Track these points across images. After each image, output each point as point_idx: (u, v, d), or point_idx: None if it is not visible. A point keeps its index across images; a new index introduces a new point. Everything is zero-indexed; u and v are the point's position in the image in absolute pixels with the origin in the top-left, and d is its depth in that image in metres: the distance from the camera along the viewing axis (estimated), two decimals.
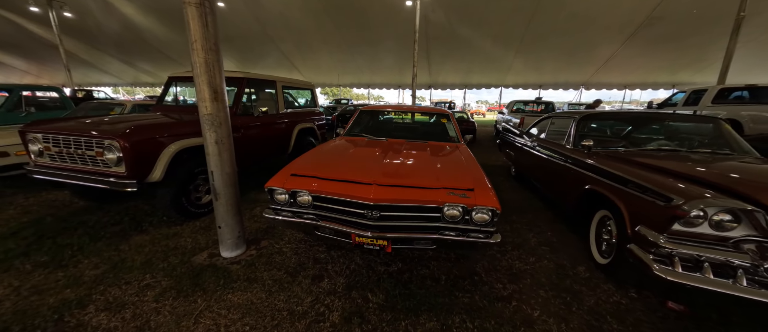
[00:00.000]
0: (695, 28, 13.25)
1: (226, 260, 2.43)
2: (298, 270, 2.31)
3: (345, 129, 3.73)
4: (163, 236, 2.79)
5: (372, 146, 2.97)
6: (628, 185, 2.03)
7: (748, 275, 1.52)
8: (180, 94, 4.53)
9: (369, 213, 1.93)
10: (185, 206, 3.04)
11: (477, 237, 1.90)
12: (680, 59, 16.46)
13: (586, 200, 2.63)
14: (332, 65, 21.87)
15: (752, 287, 1.50)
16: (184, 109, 4.13)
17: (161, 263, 2.36)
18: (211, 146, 2.22)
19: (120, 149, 2.54)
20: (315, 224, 2.09)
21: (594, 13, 13.20)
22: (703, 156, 2.46)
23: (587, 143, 2.75)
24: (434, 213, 1.93)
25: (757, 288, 1.50)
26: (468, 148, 3.22)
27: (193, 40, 2.03)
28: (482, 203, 1.85)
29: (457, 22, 15.17)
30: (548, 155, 3.49)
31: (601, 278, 2.29)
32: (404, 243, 1.96)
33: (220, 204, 2.35)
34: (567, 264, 2.47)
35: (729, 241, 1.60)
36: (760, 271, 1.50)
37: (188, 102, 5.59)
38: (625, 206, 2.01)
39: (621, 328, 1.77)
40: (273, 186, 2.12)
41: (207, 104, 2.15)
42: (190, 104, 4.77)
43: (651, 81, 20.06)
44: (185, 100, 5.67)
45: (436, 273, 2.30)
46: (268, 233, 2.92)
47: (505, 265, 2.44)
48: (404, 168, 2.33)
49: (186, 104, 5.03)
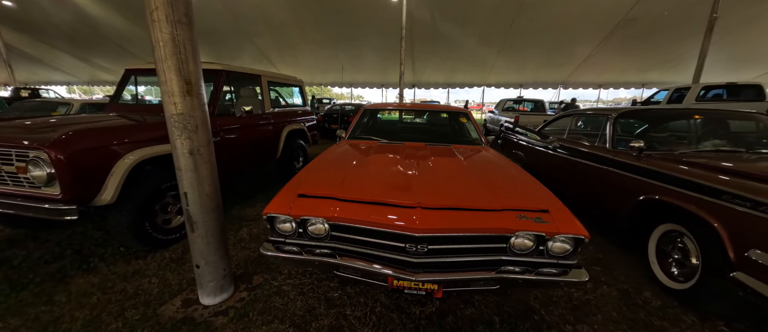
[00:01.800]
0: (665, 29, 13.85)
1: (207, 309, 1.81)
2: (308, 320, 1.74)
3: (347, 132, 3.16)
4: (119, 277, 2.11)
5: (390, 153, 2.44)
6: (723, 197, 1.65)
7: None
8: (142, 90, 3.75)
9: (413, 248, 1.42)
10: (149, 232, 2.36)
11: (553, 275, 1.44)
12: (650, 59, 17.26)
13: (641, 212, 2.26)
14: (313, 63, 21.00)
15: None
16: (147, 108, 3.39)
17: (114, 321, 1.70)
18: (183, 158, 1.60)
19: (51, 163, 1.84)
20: (334, 263, 1.54)
21: (575, 12, 13.43)
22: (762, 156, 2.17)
23: (636, 145, 2.39)
24: (499, 244, 1.45)
25: None
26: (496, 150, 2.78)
27: (153, 7, 1.41)
28: (565, 230, 1.39)
29: (442, 21, 14.94)
30: (577, 157, 3.14)
31: (675, 306, 1.92)
32: (460, 286, 1.47)
33: (197, 236, 1.73)
34: (630, 289, 2.08)
35: None
36: None
37: (154, 102, 4.75)
38: (721, 224, 1.63)
39: None
40: (274, 213, 1.54)
41: (176, 99, 1.53)
42: (156, 103, 3.99)
43: (623, 80, 21.00)
44: (150, 99, 4.82)
45: (484, 313, 1.82)
46: (260, 265, 2.31)
47: (561, 294, 2.01)
48: (446, 182, 1.82)
49: (151, 103, 4.22)
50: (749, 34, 13.92)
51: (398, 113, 3.94)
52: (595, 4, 12.80)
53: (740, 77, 18.48)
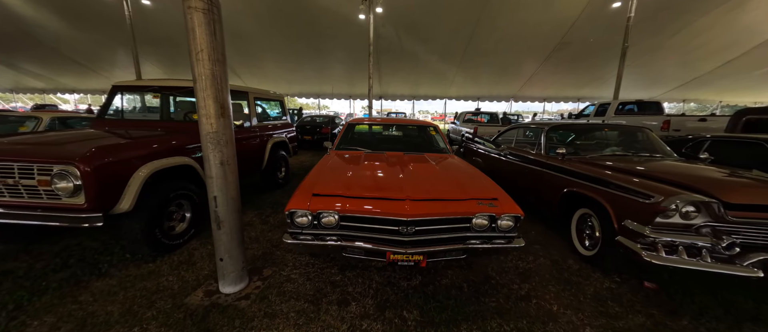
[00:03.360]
0: (592, 53, 16.31)
1: (229, 297, 2.13)
2: (319, 298, 2.15)
3: (334, 143, 3.62)
4: (136, 278, 2.32)
5: (378, 161, 2.95)
6: (611, 187, 2.41)
7: (710, 253, 1.95)
8: (127, 104, 3.84)
9: (405, 229, 1.93)
10: (159, 238, 2.57)
11: (502, 243, 2.05)
12: (582, 78, 20.02)
13: (566, 202, 3.02)
14: (279, 74, 20.90)
15: (714, 262, 1.93)
16: (138, 124, 3.52)
17: (147, 311, 1.96)
18: (215, 167, 1.96)
19: (79, 176, 2.05)
20: (343, 246, 1.99)
21: (520, 36, 15.30)
22: (646, 159, 3.06)
23: (561, 151, 3.18)
24: (464, 224, 2.02)
25: (716, 262, 1.93)
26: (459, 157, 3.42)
27: (199, 49, 1.79)
28: (508, 210, 2.00)
29: (406, 38, 16.00)
30: (521, 162, 3.91)
31: (588, 268, 2.65)
32: (438, 256, 2.00)
33: (223, 233, 2.06)
34: (559, 259, 2.79)
35: (692, 228, 2.03)
36: (717, 249, 1.94)
37: (148, 116, 4.67)
38: (610, 205, 2.38)
39: (623, 310, 2.08)
40: (295, 208, 1.96)
41: (212, 120, 1.90)
42: (144, 118, 4.05)
43: (562, 95, 23.90)
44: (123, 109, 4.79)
45: (456, 282, 2.37)
46: (266, 261, 2.65)
47: (511, 266, 2.65)
48: (425, 181, 2.37)
49: (140, 119, 4.25)
50: (654, 60, 16.91)
51: (377, 127, 4.48)
52: (537, 29, 14.70)
53: (652, 94, 22.09)
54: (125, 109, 3.87)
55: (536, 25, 14.29)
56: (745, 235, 1.97)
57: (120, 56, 18.24)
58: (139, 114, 4.10)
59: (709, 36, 14.71)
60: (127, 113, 3.83)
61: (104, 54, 18.32)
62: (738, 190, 2.04)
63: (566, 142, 4.09)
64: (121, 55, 17.98)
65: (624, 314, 2.04)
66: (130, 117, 3.74)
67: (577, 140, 4.29)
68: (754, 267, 1.88)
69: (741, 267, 1.88)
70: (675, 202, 1.96)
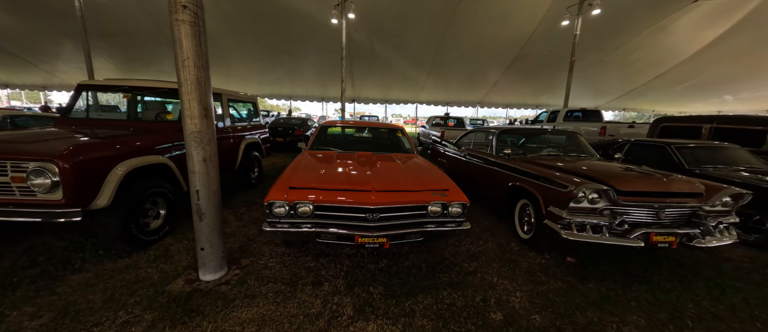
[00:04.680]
0: (546, 65, 17.90)
1: (210, 283, 2.31)
2: (295, 280, 2.40)
3: (308, 144, 3.86)
4: (113, 271, 2.41)
5: (348, 159, 3.26)
6: (541, 180, 2.94)
7: (609, 230, 2.50)
8: (92, 103, 3.78)
9: (371, 216, 2.25)
10: (135, 234, 2.66)
11: (453, 227, 2.45)
12: (539, 87, 21.82)
13: (510, 194, 3.54)
14: (248, 75, 20.37)
15: (612, 237, 2.48)
16: (105, 123, 3.51)
17: (130, 298, 2.09)
18: (198, 163, 2.15)
19: (58, 172, 2.13)
20: (317, 232, 2.27)
21: (483, 48, 16.41)
22: (573, 158, 3.69)
23: (507, 151, 3.71)
24: (421, 211, 2.39)
25: (612, 236, 2.48)
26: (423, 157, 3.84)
27: (185, 57, 1.99)
28: (456, 198, 2.41)
29: (378, 44, 16.46)
30: (476, 161, 4.43)
31: (526, 248, 3.16)
32: (400, 239, 2.35)
33: (204, 225, 2.25)
34: (504, 243, 3.28)
35: (597, 210, 2.58)
36: (613, 226, 2.50)
37: (115, 116, 4.50)
38: (540, 195, 2.90)
39: (546, 278, 2.58)
40: (274, 200, 2.21)
41: (196, 121, 2.10)
42: (111, 118, 3.97)
43: (523, 102, 25.77)
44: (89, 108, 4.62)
45: (417, 263, 2.75)
46: (244, 253, 2.84)
47: (464, 250, 3.08)
48: (389, 176, 2.73)
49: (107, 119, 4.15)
50: (599, 73, 18.92)
51: (349, 129, 4.79)
52: (498, 42, 15.87)
53: (598, 103, 24.51)
54: (87, 108, 3.80)
55: (497, 37, 15.45)
56: (632, 215, 2.56)
57: (66, 49, 16.74)
58: (104, 113, 4.03)
59: (641, 54, 16.84)
60: (91, 112, 3.77)
61: (46, 46, 16.69)
62: (627, 180, 2.63)
63: (518, 144, 4.67)
64: (67, 48, 16.51)
65: (547, 281, 2.53)
66: (96, 116, 3.69)
67: (524, 142, 4.91)
68: (638, 239, 2.46)
69: (629, 239, 2.45)
70: (582, 190, 2.49)
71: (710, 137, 5.45)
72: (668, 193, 2.60)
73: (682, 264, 2.92)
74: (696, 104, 23.59)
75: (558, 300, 2.28)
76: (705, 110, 23.64)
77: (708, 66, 17.29)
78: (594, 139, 8.67)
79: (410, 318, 2.03)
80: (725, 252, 3.22)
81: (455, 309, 2.14)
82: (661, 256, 3.04)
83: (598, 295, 2.35)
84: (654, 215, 2.56)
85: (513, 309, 2.15)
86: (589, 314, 2.12)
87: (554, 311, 2.14)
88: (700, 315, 2.16)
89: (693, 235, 2.51)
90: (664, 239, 2.47)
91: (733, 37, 14.59)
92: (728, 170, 3.83)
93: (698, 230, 2.51)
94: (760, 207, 3.26)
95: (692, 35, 15.21)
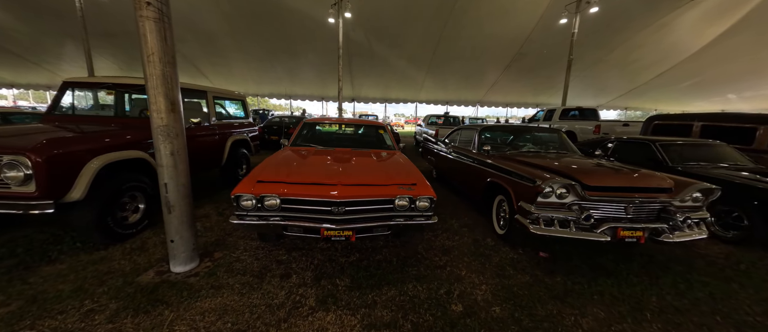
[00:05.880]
0: (546, 63, 17.80)
1: (180, 275, 2.36)
2: (263, 273, 2.44)
3: (290, 140, 3.91)
4: (87, 263, 2.47)
5: (324, 154, 3.29)
6: (513, 176, 2.95)
7: (576, 224, 2.51)
8: (78, 101, 3.85)
9: (336, 210, 2.28)
10: (111, 227, 2.72)
11: (420, 220, 2.47)
12: (538, 86, 21.70)
13: (488, 190, 3.55)
14: (247, 74, 20.53)
15: (579, 231, 2.48)
16: (90, 120, 3.58)
17: (98, 288, 2.15)
18: (165, 157, 2.20)
19: (30, 166, 2.19)
20: (283, 224, 2.30)
21: (482, 47, 16.37)
22: (552, 155, 3.69)
23: (486, 148, 3.72)
24: (388, 205, 2.42)
25: (578, 230, 2.49)
26: (403, 153, 3.86)
27: (151, 52, 2.04)
28: (423, 193, 2.43)
29: (376, 43, 16.49)
30: (461, 158, 4.44)
31: (501, 244, 3.17)
32: (366, 232, 2.38)
33: (173, 217, 2.30)
34: (480, 239, 3.30)
35: (565, 205, 2.59)
36: (580, 221, 2.50)
37: (101, 113, 4.57)
38: (512, 190, 2.91)
39: (515, 272, 2.59)
40: (240, 193, 2.25)
41: (163, 115, 2.14)
42: (97, 115, 4.04)
43: (522, 101, 25.64)
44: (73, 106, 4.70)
45: (388, 257, 2.77)
46: (219, 246, 2.88)
47: (438, 245, 3.10)
48: (359, 170, 2.76)
49: (93, 115, 4.23)
50: (600, 72, 18.77)
51: (332, 126, 4.83)
52: (496, 41, 15.82)
53: (600, 102, 24.29)
54: (77, 105, 3.88)
55: (496, 36, 15.40)
56: (601, 210, 2.56)
57: (68, 49, 16.99)
58: (92, 110, 4.11)
59: (642, 52, 16.68)
60: (79, 110, 3.84)
61: (49, 46, 16.96)
62: (595, 175, 2.63)
63: (499, 141, 4.67)
64: (69, 48, 16.77)
65: (514, 275, 2.54)
66: (82, 113, 3.76)
67: (507, 140, 4.91)
68: (605, 233, 2.46)
69: (595, 234, 2.45)
70: (550, 185, 2.50)
71: (700, 134, 5.41)
72: (636, 188, 2.60)
73: (655, 260, 2.91)
74: (699, 103, 23.31)
75: (522, 293, 2.29)
76: (708, 108, 23.34)
77: (710, 64, 17.09)
78: (588, 137, 8.63)
79: (371, 309, 2.06)
80: (702, 248, 3.20)
81: (417, 300, 2.16)
82: (636, 252, 3.04)
83: (563, 289, 2.36)
84: (622, 211, 2.56)
85: (474, 302, 2.17)
86: (550, 306, 2.14)
87: (515, 303, 2.16)
88: (661, 309, 2.16)
89: (660, 230, 2.50)
90: (631, 234, 2.47)
91: (736, 35, 14.41)
92: (711, 168, 3.81)
93: (666, 225, 2.51)
94: (738, 203, 3.25)
95: (694, 33, 15.05)
